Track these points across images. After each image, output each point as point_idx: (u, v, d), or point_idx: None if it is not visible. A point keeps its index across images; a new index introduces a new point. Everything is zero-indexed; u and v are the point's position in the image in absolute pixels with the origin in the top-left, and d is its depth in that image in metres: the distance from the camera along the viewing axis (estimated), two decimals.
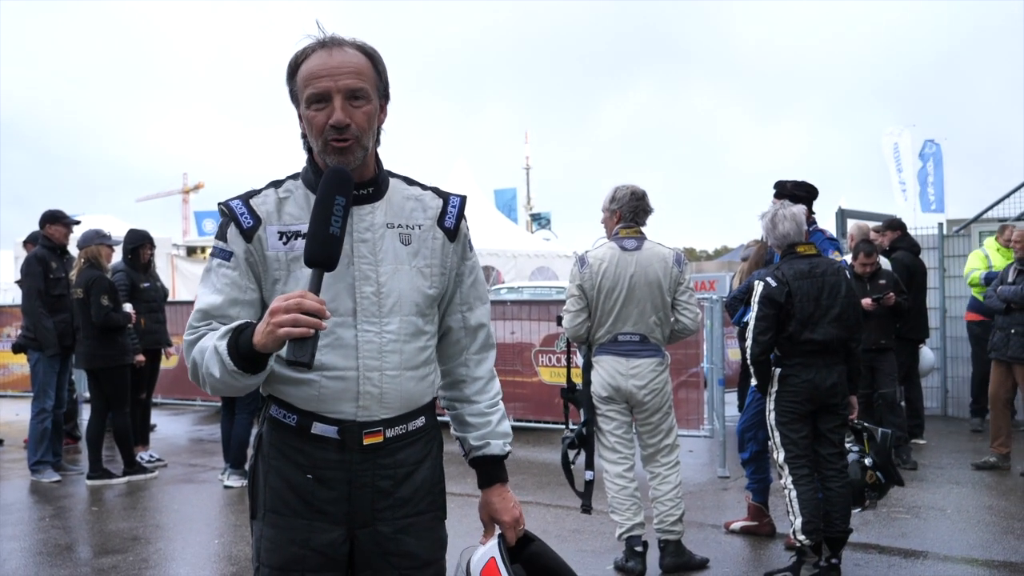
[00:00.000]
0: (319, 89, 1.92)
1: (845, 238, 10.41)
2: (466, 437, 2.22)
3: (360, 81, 1.94)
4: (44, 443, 7.56)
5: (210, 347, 1.87)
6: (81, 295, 7.24)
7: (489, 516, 2.20)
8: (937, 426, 9.27)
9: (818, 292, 4.59)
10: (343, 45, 1.97)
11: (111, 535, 5.82)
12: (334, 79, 1.92)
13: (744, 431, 5.54)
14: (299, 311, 1.72)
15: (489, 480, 2.21)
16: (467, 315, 2.18)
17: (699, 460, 7.94)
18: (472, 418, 2.21)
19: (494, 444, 2.20)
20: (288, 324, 1.72)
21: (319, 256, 1.81)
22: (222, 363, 1.83)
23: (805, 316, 4.56)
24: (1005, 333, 7.16)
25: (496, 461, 2.21)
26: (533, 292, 11.29)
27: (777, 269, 4.70)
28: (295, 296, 1.74)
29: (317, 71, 1.93)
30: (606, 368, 4.82)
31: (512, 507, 2.19)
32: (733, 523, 5.59)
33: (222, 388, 1.91)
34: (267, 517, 2.03)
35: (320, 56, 1.94)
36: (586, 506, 4.90)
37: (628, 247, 4.84)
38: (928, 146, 18.90)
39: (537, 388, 8.99)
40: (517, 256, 18.68)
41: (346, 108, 1.92)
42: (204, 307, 1.98)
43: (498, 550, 2.12)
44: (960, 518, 5.88)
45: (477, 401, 2.22)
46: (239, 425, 7.16)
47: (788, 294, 4.57)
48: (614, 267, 4.79)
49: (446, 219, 2.10)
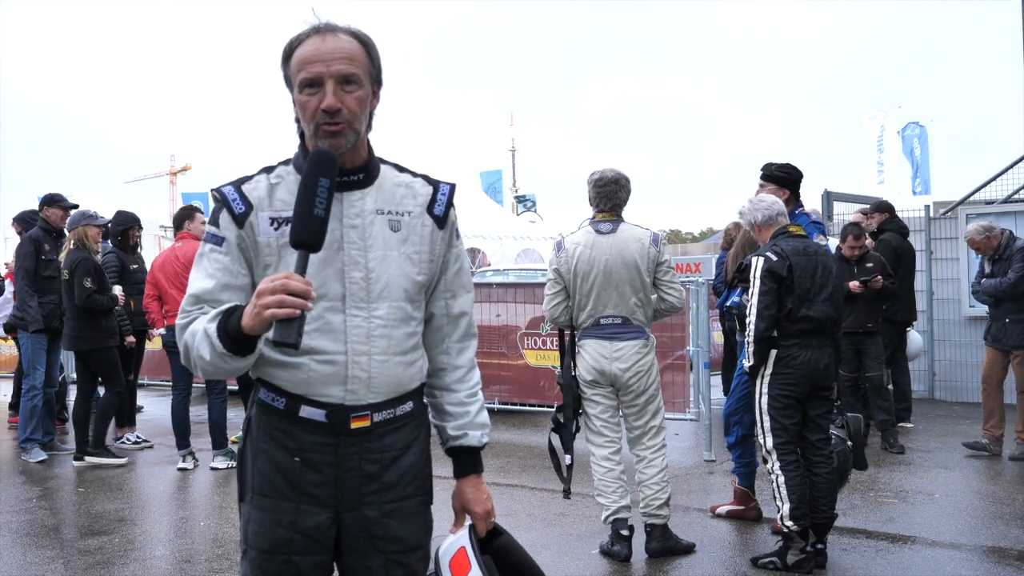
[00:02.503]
0: (312, 74, 1.94)
1: (831, 220, 10.44)
2: (444, 426, 2.22)
3: (352, 67, 1.95)
4: (33, 421, 7.56)
5: (200, 330, 1.90)
6: (67, 276, 7.25)
7: (461, 506, 2.21)
8: (924, 409, 9.29)
9: (813, 269, 4.61)
10: (336, 31, 1.98)
11: (97, 516, 5.81)
12: (326, 64, 1.93)
13: (730, 415, 5.53)
14: (285, 292, 1.73)
15: (464, 470, 2.22)
16: (450, 303, 2.19)
17: (685, 443, 7.95)
18: (451, 407, 2.21)
19: (472, 435, 2.21)
20: (274, 305, 1.74)
21: (304, 237, 1.82)
22: (212, 346, 1.85)
23: (803, 292, 4.57)
24: (1001, 323, 7.18)
25: (473, 452, 2.22)
26: (518, 275, 11.29)
27: (775, 245, 4.68)
28: (280, 277, 1.75)
29: (310, 56, 1.95)
30: (590, 352, 4.82)
31: (485, 499, 2.20)
32: (719, 507, 5.60)
33: (213, 371, 1.92)
34: (254, 500, 2.04)
35: (314, 42, 1.96)
36: (567, 491, 4.90)
37: (603, 230, 4.85)
38: (912, 128, 18.93)
39: (523, 371, 8.97)
40: (502, 238, 18.68)
41: (338, 93, 1.93)
42: (196, 291, 2.00)
43: (468, 540, 2.13)
44: (948, 503, 5.88)
45: (457, 390, 2.22)
46: (213, 408, 7.16)
47: (789, 268, 4.57)
48: (589, 251, 4.80)
49: (435, 206, 2.11)
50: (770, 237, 4.79)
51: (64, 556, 5.01)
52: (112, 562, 4.88)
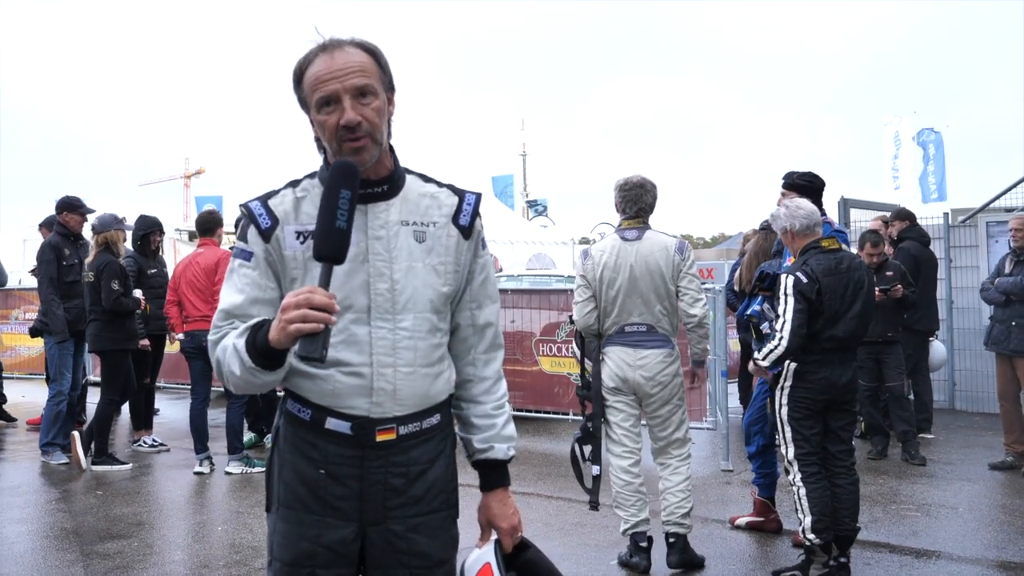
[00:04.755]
0: (327, 92, 1.94)
1: (849, 228, 10.37)
2: (470, 439, 2.21)
3: (365, 78, 1.95)
4: (57, 425, 7.61)
5: (230, 345, 1.90)
6: (92, 279, 7.34)
7: (487, 520, 2.19)
8: (945, 420, 9.19)
9: (844, 289, 4.53)
10: (343, 45, 1.98)
11: (116, 520, 5.81)
12: (340, 80, 1.93)
13: (751, 424, 5.49)
14: (308, 307, 1.73)
15: (491, 484, 2.21)
16: (476, 313, 2.17)
17: (702, 453, 7.89)
18: (477, 419, 2.20)
19: (498, 448, 2.19)
20: (298, 320, 1.73)
21: (326, 250, 1.82)
22: (241, 360, 1.86)
23: (831, 313, 4.50)
24: (1005, 326, 7.09)
25: (499, 465, 2.20)
26: (533, 281, 11.23)
27: (805, 264, 4.57)
28: (304, 292, 1.75)
29: (322, 75, 1.95)
30: (614, 359, 4.79)
31: (511, 514, 2.18)
32: (738, 518, 5.55)
33: (243, 386, 1.92)
34: (280, 511, 2.04)
35: (323, 60, 1.96)
36: (593, 502, 4.86)
37: (628, 237, 4.82)
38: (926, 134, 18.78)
39: (537, 377, 8.95)
40: (514, 243, 18.64)
41: (356, 107, 1.94)
42: (226, 307, 2.00)
43: (494, 556, 2.11)
44: (972, 517, 5.80)
45: (483, 402, 2.20)
46: (231, 413, 7.18)
47: (818, 291, 4.49)
48: (614, 258, 4.77)
49: (461, 216, 2.10)
50: (802, 249, 4.69)
51: (84, 559, 5.01)
52: (131, 566, 4.88)
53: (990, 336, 7.25)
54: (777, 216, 4.82)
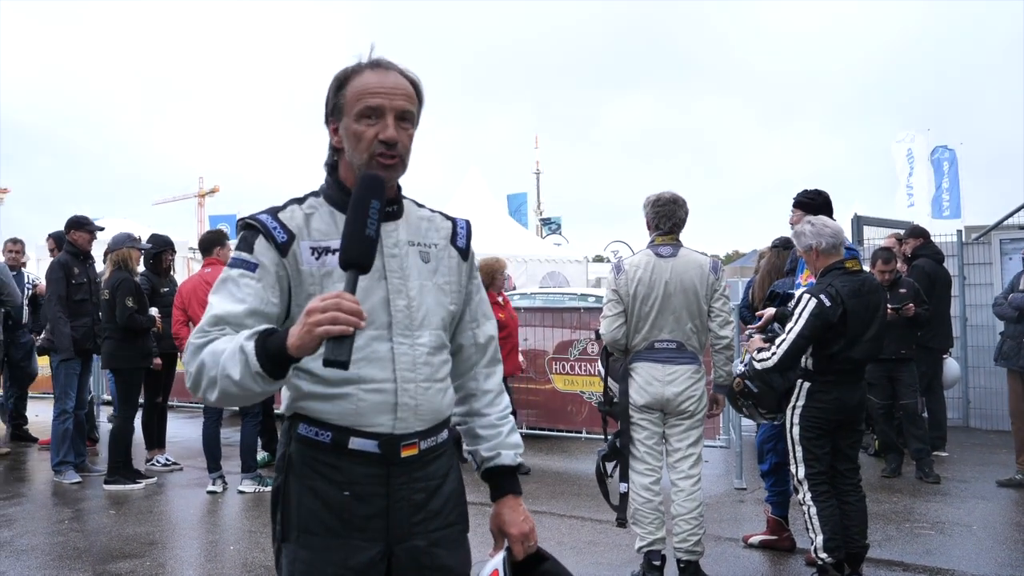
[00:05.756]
0: (374, 104, 1.97)
1: (862, 245, 10.34)
2: (477, 449, 2.24)
3: (410, 104, 2.01)
4: (65, 444, 7.65)
5: (231, 348, 1.80)
6: (107, 296, 7.41)
7: (498, 527, 2.19)
8: (959, 438, 9.13)
9: (865, 311, 4.52)
10: (392, 69, 2.04)
11: (128, 539, 5.82)
12: (389, 98, 1.98)
13: (764, 442, 5.47)
14: (337, 310, 1.68)
15: (501, 491, 2.22)
16: (476, 332, 2.24)
17: (715, 471, 7.86)
18: (483, 430, 2.23)
19: (505, 454, 2.21)
20: (327, 322, 1.67)
21: (355, 257, 1.78)
22: (246, 364, 1.75)
23: (852, 336, 4.48)
24: (1016, 342, 7.03)
25: (508, 472, 2.22)
26: (546, 299, 11.22)
27: (830, 286, 4.51)
28: (332, 296, 1.69)
29: (373, 87, 1.99)
30: (642, 375, 4.75)
31: (522, 521, 2.18)
32: (752, 537, 5.52)
33: (235, 393, 1.80)
34: (301, 539, 1.99)
35: (374, 74, 2.01)
36: (621, 519, 4.81)
37: (663, 254, 4.81)
38: (940, 151, 18.73)
39: (551, 395, 8.92)
40: (528, 261, 18.67)
41: (396, 127, 1.98)
42: (220, 313, 1.92)
43: (503, 564, 2.10)
44: (987, 535, 5.75)
45: (487, 413, 2.24)
46: (246, 431, 7.19)
47: (843, 314, 4.46)
48: (649, 273, 4.75)
49: (457, 239, 2.19)
50: (824, 269, 4.64)
51: None
52: None
53: (1000, 352, 7.19)
54: (803, 233, 4.72)
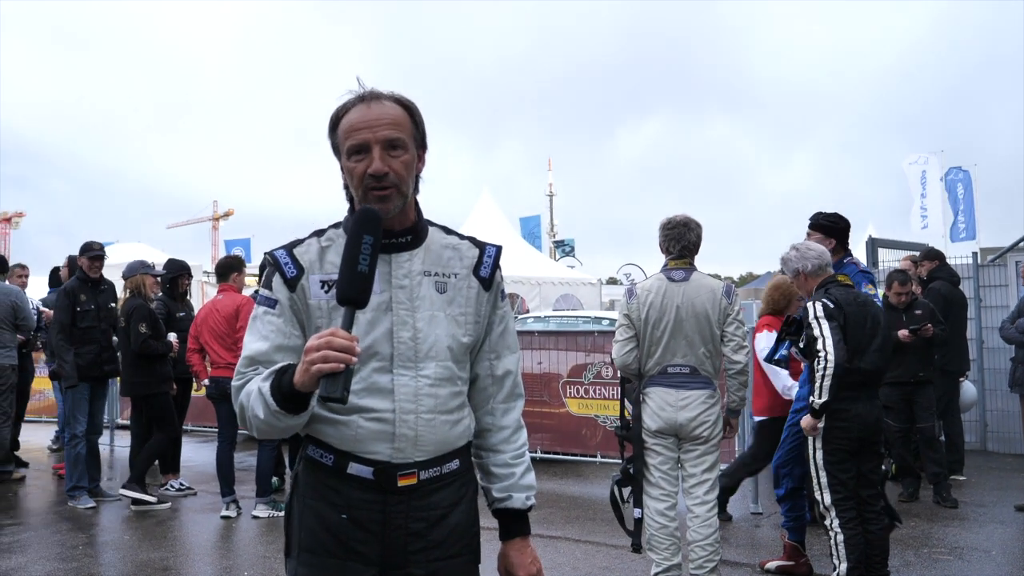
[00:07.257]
0: (358, 140, 2.00)
1: (877, 268, 10.30)
2: (489, 488, 2.23)
3: (397, 132, 2.01)
4: (79, 469, 7.67)
5: (255, 390, 1.92)
6: (123, 323, 7.49)
7: (505, 569, 2.20)
8: (977, 461, 9.03)
9: (863, 320, 4.54)
10: (381, 98, 2.04)
11: (143, 564, 5.82)
12: (372, 131, 1.99)
13: (780, 467, 5.43)
14: (328, 348, 1.75)
15: (509, 533, 2.22)
16: (495, 363, 2.21)
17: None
18: (496, 469, 2.22)
19: (516, 497, 2.20)
20: (319, 361, 1.75)
21: (348, 293, 1.83)
22: (266, 404, 1.87)
23: (855, 343, 4.49)
24: None
25: (518, 514, 2.21)
26: (560, 322, 11.21)
27: (827, 293, 4.60)
28: (325, 334, 1.77)
29: (356, 124, 2.01)
30: (655, 400, 4.74)
31: (529, 563, 2.18)
32: (768, 562, 5.46)
33: (267, 430, 1.94)
34: (301, 556, 2.05)
35: (359, 110, 2.02)
36: (636, 544, 4.79)
37: (675, 278, 4.80)
38: (954, 172, 18.69)
39: (564, 419, 8.89)
40: (541, 283, 18.69)
41: (384, 158, 1.99)
42: (251, 353, 2.03)
43: None
44: (1006, 560, 5.68)
45: (502, 451, 2.23)
46: (262, 456, 7.21)
47: (844, 317, 4.50)
48: (660, 298, 4.75)
49: (482, 268, 2.16)
50: (816, 287, 4.72)
51: None
52: None
53: (1014, 378, 7.14)
54: (788, 259, 4.85)
